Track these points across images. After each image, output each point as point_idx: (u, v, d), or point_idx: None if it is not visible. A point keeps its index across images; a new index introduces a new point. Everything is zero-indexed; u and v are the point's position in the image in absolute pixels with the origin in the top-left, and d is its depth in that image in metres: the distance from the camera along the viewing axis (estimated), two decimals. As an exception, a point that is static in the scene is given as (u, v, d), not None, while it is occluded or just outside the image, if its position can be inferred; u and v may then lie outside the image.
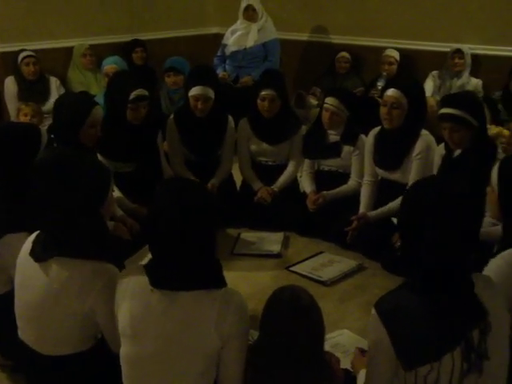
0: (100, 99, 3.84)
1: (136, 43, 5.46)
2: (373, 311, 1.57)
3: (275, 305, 1.69)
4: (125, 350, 1.68)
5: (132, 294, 1.66)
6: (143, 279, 1.65)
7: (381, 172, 3.43)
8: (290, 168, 3.82)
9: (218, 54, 5.39)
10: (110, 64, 4.72)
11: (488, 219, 2.45)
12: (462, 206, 1.52)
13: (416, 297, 1.53)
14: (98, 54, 5.24)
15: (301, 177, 3.89)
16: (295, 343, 1.61)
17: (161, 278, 1.63)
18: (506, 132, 4.44)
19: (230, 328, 1.62)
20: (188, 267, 1.62)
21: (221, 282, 1.67)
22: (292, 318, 1.62)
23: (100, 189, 1.88)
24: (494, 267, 1.76)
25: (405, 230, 1.60)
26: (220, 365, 1.67)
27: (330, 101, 3.55)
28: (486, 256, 1.85)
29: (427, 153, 3.22)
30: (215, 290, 1.64)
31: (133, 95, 3.25)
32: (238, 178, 4.01)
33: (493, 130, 4.30)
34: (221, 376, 1.69)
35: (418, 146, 3.24)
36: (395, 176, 3.35)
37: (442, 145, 3.09)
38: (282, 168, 3.83)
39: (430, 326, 1.49)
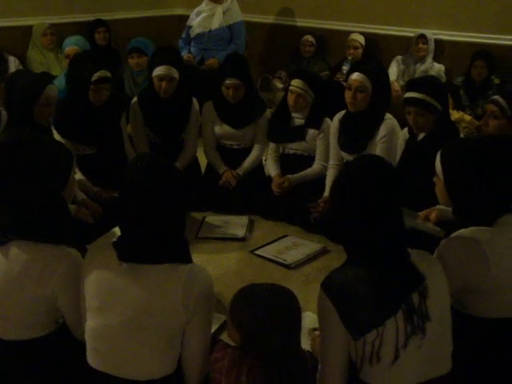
0: (61, 80, 3.76)
1: (99, 23, 5.28)
2: (320, 291, 1.65)
3: (247, 301, 1.69)
4: (91, 324, 1.68)
5: (99, 268, 1.67)
6: (111, 253, 1.66)
7: (345, 155, 3.45)
8: (255, 151, 3.81)
9: (183, 35, 5.32)
10: (71, 45, 4.59)
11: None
12: (383, 181, 1.63)
13: (357, 270, 1.62)
14: (59, 33, 5.12)
15: (266, 160, 3.89)
16: (273, 343, 1.64)
17: (128, 251, 1.65)
18: (467, 117, 4.53)
19: (195, 303, 1.63)
20: (156, 242, 1.64)
21: (187, 258, 1.70)
22: (269, 318, 1.63)
23: (61, 172, 1.85)
24: (444, 247, 1.83)
25: (338, 203, 1.70)
26: (183, 341, 1.68)
27: (295, 83, 3.54)
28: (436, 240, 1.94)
29: (391, 136, 3.26)
30: (182, 265, 1.65)
31: (95, 77, 3.19)
32: (202, 162, 3.98)
33: (454, 115, 4.38)
34: (184, 352, 1.70)
35: (382, 130, 3.27)
36: (360, 160, 3.38)
37: (406, 129, 3.12)
38: (246, 151, 3.82)
39: (372, 294, 1.58)
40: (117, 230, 1.74)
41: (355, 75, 3.26)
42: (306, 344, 2.07)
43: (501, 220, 1.84)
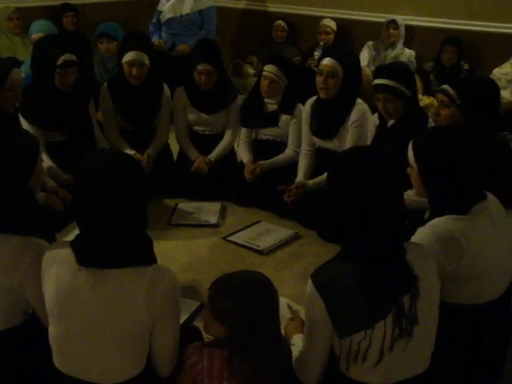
0: (28, 66, 3.68)
1: (66, 7, 5.14)
2: (309, 283, 1.60)
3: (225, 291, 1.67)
4: (52, 329, 1.64)
5: (58, 273, 1.60)
6: (70, 257, 1.59)
7: (317, 141, 3.46)
8: (227, 137, 3.79)
9: (154, 20, 5.25)
10: (37, 32, 4.49)
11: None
12: (386, 175, 1.58)
13: (350, 266, 1.57)
14: (25, 17, 4.99)
15: (238, 146, 3.87)
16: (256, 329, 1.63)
17: (88, 255, 1.58)
18: (437, 103, 4.57)
19: (160, 305, 1.59)
20: (116, 244, 1.58)
21: (150, 259, 1.64)
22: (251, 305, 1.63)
23: (27, 160, 1.81)
24: (420, 236, 1.81)
25: (333, 198, 1.64)
26: (151, 339, 1.66)
27: (269, 68, 3.53)
28: (416, 224, 1.91)
29: (362, 121, 3.28)
30: (144, 267, 1.60)
31: (60, 60, 3.12)
32: (174, 148, 3.95)
33: (425, 100, 4.42)
34: (152, 349, 1.68)
35: (354, 115, 3.29)
36: (331, 144, 3.40)
37: (376, 115, 3.14)
38: (218, 137, 3.80)
39: (363, 294, 1.54)
40: (70, 233, 1.70)
41: (326, 60, 3.26)
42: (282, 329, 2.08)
43: (475, 208, 1.85)
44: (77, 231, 1.65)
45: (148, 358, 1.69)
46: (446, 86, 2.55)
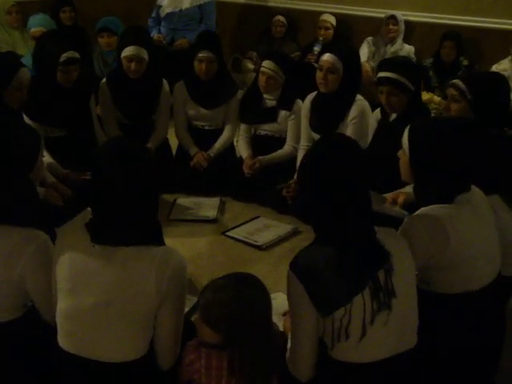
0: (28, 60, 3.68)
1: (63, 2, 5.09)
2: (288, 270, 1.67)
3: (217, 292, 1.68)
4: (62, 306, 1.67)
5: (72, 249, 1.66)
6: (84, 235, 1.66)
7: (317, 136, 3.46)
8: (226, 133, 3.79)
9: (153, 15, 5.24)
10: (36, 27, 4.47)
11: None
12: (350, 160, 1.66)
13: (324, 249, 1.65)
14: (24, 11, 4.97)
15: (237, 142, 3.88)
16: (241, 329, 1.64)
17: (101, 233, 1.65)
18: (436, 99, 4.58)
19: (168, 284, 1.64)
20: (129, 224, 1.64)
21: (160, 240, 1.70)
22: (236, 306, 1.64)
23: (29, 154, 1.82)
24: (407, 225, 1.89)
25: (305, 184, 1.74)
26: (156, 322, 1.68)
27: (267, 64, 3.53)
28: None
29: (362, 117, 3.28)
30: (154, 248, 1.66)
31: (63, 58, 3.12)
32: (173, 143, 3.95)
33: (424, 96, 4.41)
34: (156, 333, 1.70)
35: (353, 111, 3.29)
36: (331, 141, 3.40)
37: (378, 109, 3.14)
38: (218, 132, 3.80)
39: (339, 273, 1.62)
40: (89, 211, 1.72)
41: (326, 56, 3.26)
42: (278, 325, 2.09)
43: (459, 198, 1.90)
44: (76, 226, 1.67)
45: (151, 350, 1.71)
46: (456, 81, 2.54)
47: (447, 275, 1.90)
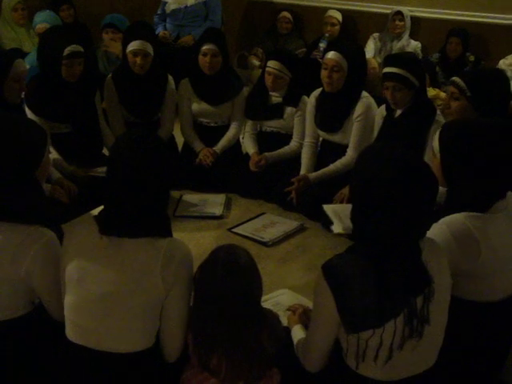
0: (33, 57, 3.68)
1: (61, 0, 5.10)
2: (321, 275, 1.57)
3: (210, 265, 1.70)
4: (70, 298, 1.68)
5: (80, 240, 1.68)
6: (92, 227, 1.67)
7: (322, 133, 3.46)
8: (232, 129, 3.79)
9: (158, 12, 5.24)
10: (41, 23, 4.46)
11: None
12: (420, 180, 1.51)
13: (363, 261, 1.53)
14: (30, 8, 4.98)
15: (243, 138, 3.87)
16: (228, 304, 1.64)
17: (109, 225, 1.66)
18: (442, 94, 4.56)
19: (174, 276, 1.65)
20: (139, 216, 1.65)
21: (167, 232, 1.71)
22: (225, 279, 1.64)
23: (34, 150, 1.82)
24: (436, 232, 1.74)
25: (358, 199, 1.60)
26: (162, 313, 1.69)
27: (272, 64, 3.52)
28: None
29: (367, 115, 3.27)
30: (161, 239, 1.67)
31: (67, 51, 3.12)
32: (179, 140, 3.95)
33: (430, 92, 4.40)
34: (163, 324, 1.71)
35: (359, 108, 3.28)
36: (336, 137, 3.40)
37: (383, 106, 3.14)
38: (223, 129, 3.80)
39: (375, 293, 1.50)
40: (94, 212, 1.73)
41: (331, 54, 3.25)
42: (283, 320, 2.09)
43: (493, 206, 1.81)
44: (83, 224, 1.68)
45: (157, 343, 1.72)
46: (456, 78, 2.53)
47: (472, 284, 1.81)
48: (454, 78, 2.55)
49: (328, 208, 2.99)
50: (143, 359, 1.69)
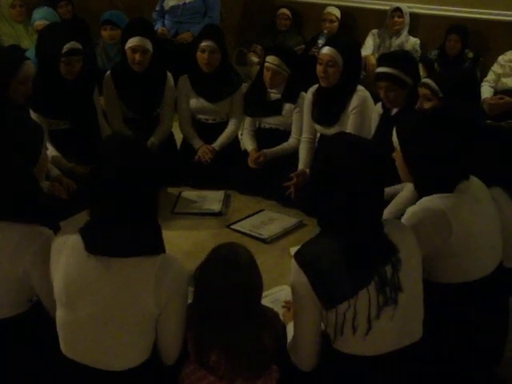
0: (32, 53, 3.68)
1: None
2: (293, 261, 1.67)
3: (210, 263, 1.70)
4: (60, 316, 1.66)
5: (67, 259, 1.62)
6: (79, 244, 1.61)
7: (319, 128, 3.46)
8: (231, 126, 3.79)
9: (157, 8, 5.24)
10: (40, 19, 4.46)
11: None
12: (370, 162, 1.65)
13: (331, 242, 1.65)
14: (28, 4, 4.97)
15: (242, 135, 3.87)
16: (229, 302, 1.65)
17: (97, 243, 1.60)
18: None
19: (167, 294, 1.61)
20: (125, 233, 1.60)
21: (159, 248, 1.65)
22: (226, 277, 1.65)
23: (32, 148, 1.81)
24: (409, 216, 1.90)
25: (318, 179, 1.73)
26: (158, 330, 1.67)
27: (271, 59, 3.52)
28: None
29: (362, 108, 3.28)
30: (153, 257, 1.61)
31: (65, 48, 3.12)
32: (178, 137, 3.95)
33: (429, 89, 4.39)
34: (159, 337, 1.69)
35: (354, 101, 3.29)
36: (333, 131, 3.38)
37: (380, 104, 3.14)
38: (222, 126, 3.80)
39: (344, 266, 1.61)
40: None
41: (325, 49, 3.26)
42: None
43: (459, 186, 1.92)
44: (81, 222, 1.66)
45: (154, 348, 1.71)
46: (427, 80, 2.63)
47: (448, 264, 1.91)
48: (425, 80, 2.65)
49: None
50: (142, 371, 1.67)
